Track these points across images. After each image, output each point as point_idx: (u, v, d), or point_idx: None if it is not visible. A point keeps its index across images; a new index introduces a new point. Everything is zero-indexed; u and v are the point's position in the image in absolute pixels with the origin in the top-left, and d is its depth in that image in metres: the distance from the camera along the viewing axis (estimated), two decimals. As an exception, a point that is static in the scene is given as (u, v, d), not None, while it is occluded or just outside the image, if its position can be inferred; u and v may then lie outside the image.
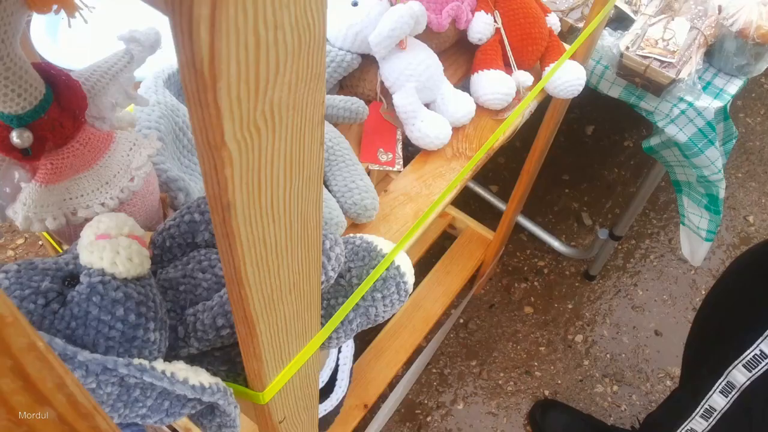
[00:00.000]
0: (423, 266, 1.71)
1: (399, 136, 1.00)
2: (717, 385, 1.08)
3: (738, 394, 1.06)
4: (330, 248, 0.63)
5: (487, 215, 2.00)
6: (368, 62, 1.00)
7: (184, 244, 0.64)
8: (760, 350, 1.02)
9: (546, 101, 1.15)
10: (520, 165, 1.41)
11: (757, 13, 1.21)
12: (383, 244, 0.75)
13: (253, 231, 0.40)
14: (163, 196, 0.72)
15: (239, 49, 0.29)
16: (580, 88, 1.06)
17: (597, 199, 2.13)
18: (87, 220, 0.59)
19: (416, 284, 1.64)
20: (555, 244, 1.95)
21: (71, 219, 0.61)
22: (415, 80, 0.95)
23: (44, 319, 0.51)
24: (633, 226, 2.08)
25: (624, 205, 2.11)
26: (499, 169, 2.16)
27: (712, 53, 1.29)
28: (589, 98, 1.35)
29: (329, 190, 0.87)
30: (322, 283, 0.63)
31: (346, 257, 0.73)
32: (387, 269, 0.73)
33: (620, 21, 1.30)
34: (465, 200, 2.04)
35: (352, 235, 0.77)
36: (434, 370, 1.71)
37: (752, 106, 2.51)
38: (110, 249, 0.54)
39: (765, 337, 1.03)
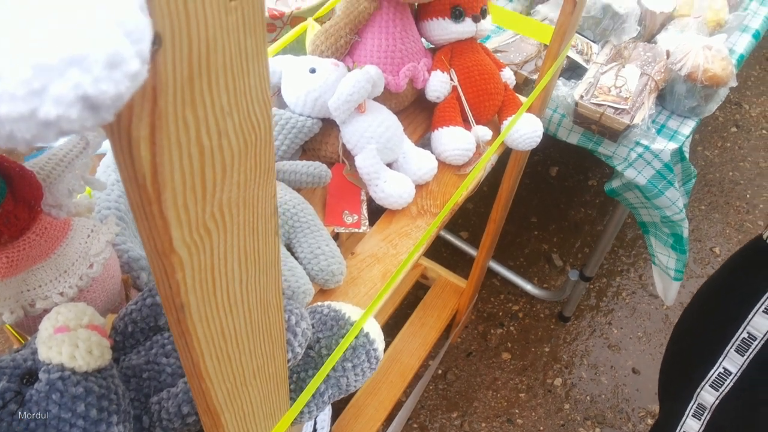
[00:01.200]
0: (398, 318, 1.70)
1: (363, 197, 1.01)
2: (689, 409, 1.09)
3: (709, 416, 1.06)
4: (296, 324, 0.62)
5: (459, 262, 2.01)
6: (329, 125, 1.01)
7: (147, 328, 0.63)
8: (724, 368, 1.04)
9: (507, 152, 1.17)
10: (489, 209, 1.43)
11: (702, 57, 1.26)
12: (351, 312, 0.75)
13: (210, 326, 0.40)
14: (125, 277, 0.71)
15: (183, 160, 0.30)
16: (538, 140, 1.08)
17: (566, 240, 2.16)
18: (46, 310, 0.58)
19: (392, 337, 1.63)
20: (528, 287, 1.96)
21: (29, 311, 0.60)
22: (376, 142, 0.96)
23: (1, 422, 0.50)
24: (603, 265, 2.10)
25: (592, 244, 2.14)
26: (468, 215, 2.17)
27: (663, 96, 1.33)
28: (552, 140, 1.37)
29: (295, 257, 0.86)
30: (289, 360, 0.62)
31: (314, 327, 0.72)
32: (356, 337, 0.73)
33: (573, 70, 1.34)
34: (436, 248, 2.05)
35: (319, 303, 0.77)
36: (415, 425, 1.68)
37: (709, 139, 2.58)
38: (69, 343, 0.52)
39: (726, 355, 1.04)
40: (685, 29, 1.36)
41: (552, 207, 2.24)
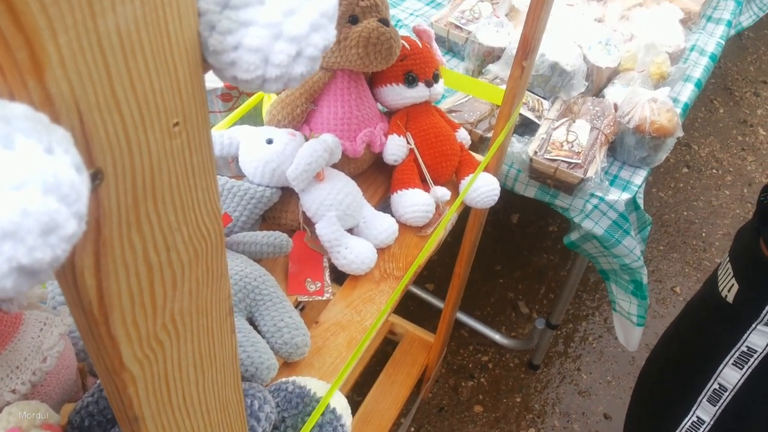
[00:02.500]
0: (366, 376, 1.68)
1: (326, 263, 1.01)
2: None
3: None
4: (259, 408, 0.61)
5: (426, 314, 2.00)
6: (289, 193, 1.01)
7: (105, 420, 0.61)
8: (697, 416, 1.05)
9: (467, 209, 1.19)
10: (453, 260, 1.44)
11: (649, 109, 1.31)
12: (316, 387, 0.74)
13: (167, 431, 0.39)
14: (81, 366, 0.69)
15: (130, 280, 0.29)
16: (496, 198, 1.10)
17: (531, 286, 2.17)
18: (-3, 410, 0.55)
19: (362, 396, 1.61)
20: (496, 337, 1.96)
21: (-22, 411, 0.57)
22: (336, 209, 0.96)
23: None
24: (568, 310, 2.12)
25: (557, 289, 2.16)
26: (433, 267, 2.18)
27: (614, 148, 1.37)
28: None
29: (258, 331, 0.85)
30: (254, 446, 0.61)
31: (278, 406, 0.71)
32: (323, 414, 0.72)
33: (526, 126, 1.37)
34: (403, 302, 2.04)
35: (283, 380, 0.76)
36: (390, 486, 1.65)
37: (662, 181, 2.66)
38: (20, 447, 0.50)
39: (699, 404, 1.06)
40: (631, 83, 1.41)
41: (515, 254, 2.27)
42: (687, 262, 2.33)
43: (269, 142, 0.98)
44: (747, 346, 1.00)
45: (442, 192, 1.08)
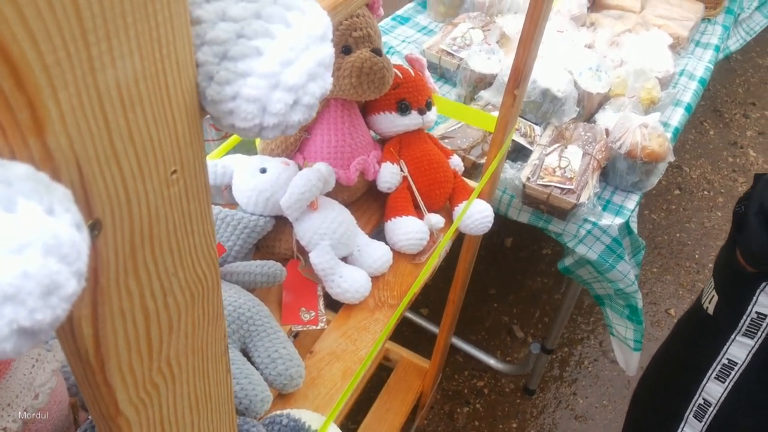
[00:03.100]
0: (362, 403, 1.66)
1: (320, 292, 1.00)
2: None
3: None
4: (254, 443, 0.61)
5: (421, 340, 1.99)
6: (282, 221, 1.01)
7: (98, 458, 0.60)
8: None
9: (461, 235, 1.19)
10: (448, 284, 1.43)
11: (640, 134, 1.32)
12: (311, 419, 0.73)
13: (162, 476, 0.38)
14: (73, 401, 0.68)
15: (127, 327, 0.29)
16: (489, 225, 1.10)
17: (525, 310, 2.17)
18: (-13, 449, 0.55)
19: (356, 424, 1.59)
20: (491, 362, 1.95)
21: (-31, 450, 0.57)
22: (330, 238, 0.96)
23: None
24: (563, 334, 2.11)
25: (551, 313, 2.16)
26: (427, 291, 2.17)
27: (606, 173, 1.38)
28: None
29: (252, 363, 0.84)
30: (249, 483, 0.60)
31: (274, 440, 0.70)
32: (318, 447, 0.71)
33: (519, 151, 1.38)
34: (398, 327, 2.02)
35: (278, 413, 0.75)
36: None
37: (655, 203, 2.67)
38: (12, 488, 0.50)
39: (686, 421, 1.06)
40: (622, 108, 1.43)
41: (509, 278, 2.26)
42: (681, 284, 2.34)
43: (263, 171, 0.98)
44: (728, 359, 1.01)
45: (436, 219, 1.08)
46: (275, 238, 1.02)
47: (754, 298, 0.98)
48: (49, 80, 0.20)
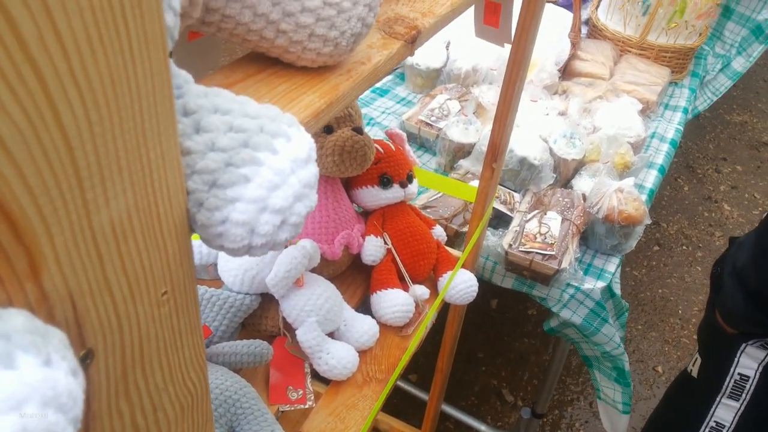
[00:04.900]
0: (352, 478, 1.62)
1: (307, 369, 1.00)
2: None
3: None
4: None
5: (410, 406, 1.96)
6: (268, 299, 1.01)
7: None
8: None
9: (447, 303, 1.19)
10: (436, 348, 1.42)
11: (616, 199, 1.35)
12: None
13: None
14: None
15: (117, 447, 0.29)
16: (474, 294, 1.11)
17: (514, 373, 2.16)
18: None
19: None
20: (482, 428, 1.92)
21: None
22: (316, 315, 0.96)
23: None
24: (553, 396, 2.10)
25: (540, 375, 2.15)
26: (416, 357, 2.15)
27: (586, 237, 1.40)
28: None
29: (240, 448, 0.83)
30: None
31: None
32: None
33: (500, 218, 1.40)
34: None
35: (267, 502, 0.73)
36: None
37: (635, 260, 2.70)
38: None
39: None
40: (597, 173, 1.46)
41: (496, 340, 2.26)
42: (666, 341, 2.34)
43: (248, 250, 0.99)
44: (715, 421, 1.01)
45: (421, 291, 1.09)
46: (261, 315, 1.02)
47: (735, 359, 0.99)
48: (46, 228, 0.21)
